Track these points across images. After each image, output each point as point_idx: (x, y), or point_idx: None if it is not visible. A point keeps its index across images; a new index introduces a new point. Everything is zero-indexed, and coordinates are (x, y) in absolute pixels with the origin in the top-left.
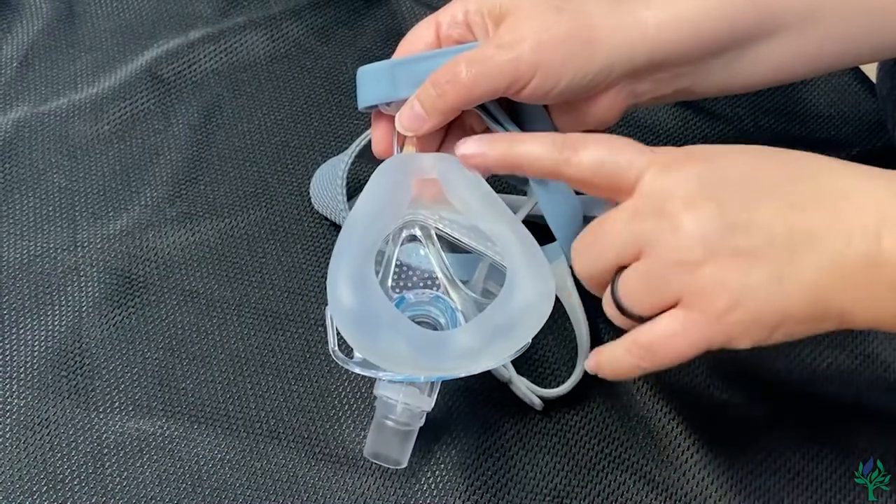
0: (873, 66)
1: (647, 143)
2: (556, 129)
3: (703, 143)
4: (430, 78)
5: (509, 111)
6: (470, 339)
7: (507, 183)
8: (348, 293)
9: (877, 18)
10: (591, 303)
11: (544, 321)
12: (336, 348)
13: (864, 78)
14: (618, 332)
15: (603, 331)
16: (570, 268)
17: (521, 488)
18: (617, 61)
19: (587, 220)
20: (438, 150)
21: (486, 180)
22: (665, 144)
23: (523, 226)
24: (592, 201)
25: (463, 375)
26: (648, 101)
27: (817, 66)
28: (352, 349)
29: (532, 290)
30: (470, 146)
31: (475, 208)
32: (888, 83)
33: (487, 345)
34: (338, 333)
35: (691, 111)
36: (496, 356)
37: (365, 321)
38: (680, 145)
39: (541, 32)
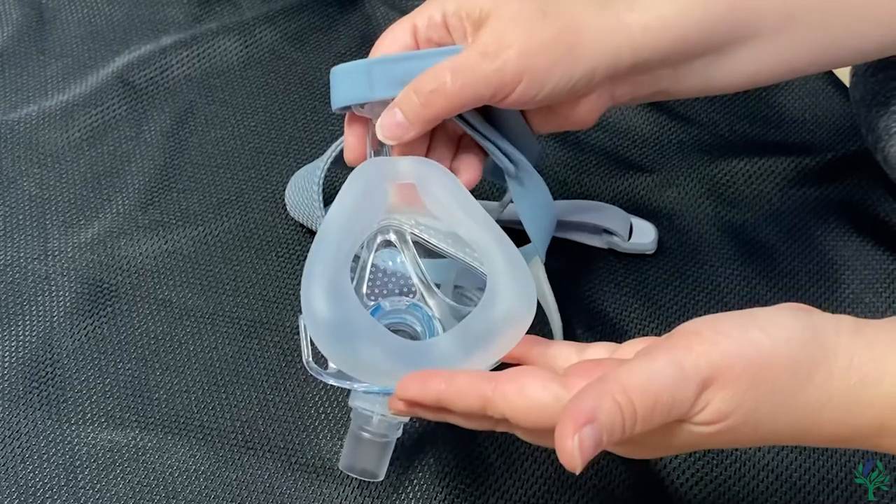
0: (847, 71)
1: (624, 148)
2: (532, 133)
3: (677, 147)
4: (413, 86)
5: (485, 113)
6: (450, 348)
7: (482, 188)
8: (323, 303)
9: (853, 23)
10: (566, 305)
11: (526, 330)
12: (310, 359)
13: (838, 83)
14: (594, 337)
15: (579, 334)
16: (545, 268)
17: (500, 496)
18: (601, 65)
19: (560, 223)
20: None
21: None
22: (641, 149)
23: (502, 231)
24: (568, 205)
25: None
26: (626, 101)
27: (794, 69)
28: (326, 360)
29: (514, 298)
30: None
31: (453, 213)
32: (861, 88)
33: (468, 354)
34: (312, 344)
35: (667, 116)
36: (476, 366)
37: (341, 331)
38: (655, 150)
39: (527, 39)
